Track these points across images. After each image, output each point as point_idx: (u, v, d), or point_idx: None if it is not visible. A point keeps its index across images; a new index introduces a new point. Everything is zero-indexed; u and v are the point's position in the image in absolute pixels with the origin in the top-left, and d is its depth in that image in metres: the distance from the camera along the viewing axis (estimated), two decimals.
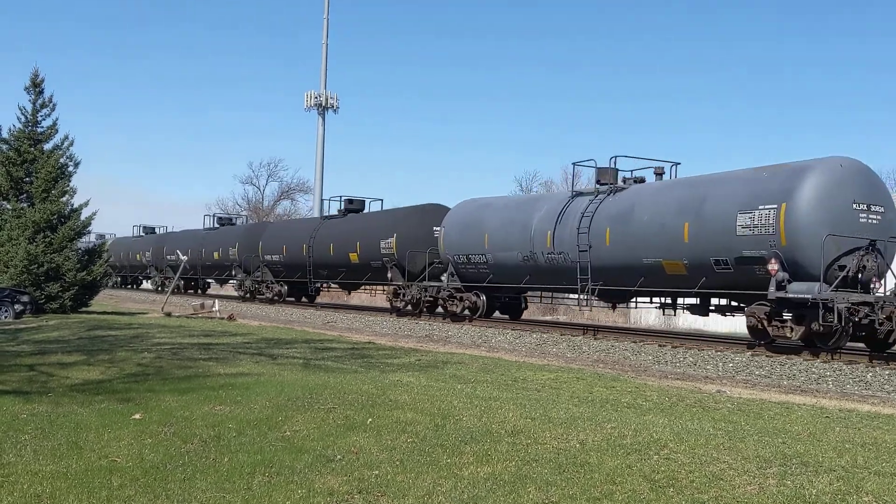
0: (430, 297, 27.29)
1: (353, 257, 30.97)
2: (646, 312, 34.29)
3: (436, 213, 28.81)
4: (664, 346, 18.85)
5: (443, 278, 26.90)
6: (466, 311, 25.62)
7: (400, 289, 28.45)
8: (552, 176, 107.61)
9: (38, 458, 7.42)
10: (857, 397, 13.33)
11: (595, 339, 20.62)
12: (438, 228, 27.29)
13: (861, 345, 17.11)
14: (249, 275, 39.13)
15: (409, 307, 28.31)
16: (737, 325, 28.84)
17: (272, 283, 37.40)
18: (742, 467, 7.07)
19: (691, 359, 17.32)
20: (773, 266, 16.16)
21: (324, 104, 63.05)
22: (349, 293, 38.28)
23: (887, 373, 14.50)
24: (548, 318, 34.62)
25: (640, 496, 6.31)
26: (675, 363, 17.27)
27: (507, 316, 27.34)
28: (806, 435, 8.89)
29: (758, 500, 6.16)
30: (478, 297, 25.52)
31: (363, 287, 34.54)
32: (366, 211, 34.40)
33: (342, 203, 34.46)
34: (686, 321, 31.71)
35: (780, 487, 6.48)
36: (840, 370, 15.09)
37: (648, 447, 7.81)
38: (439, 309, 27.67)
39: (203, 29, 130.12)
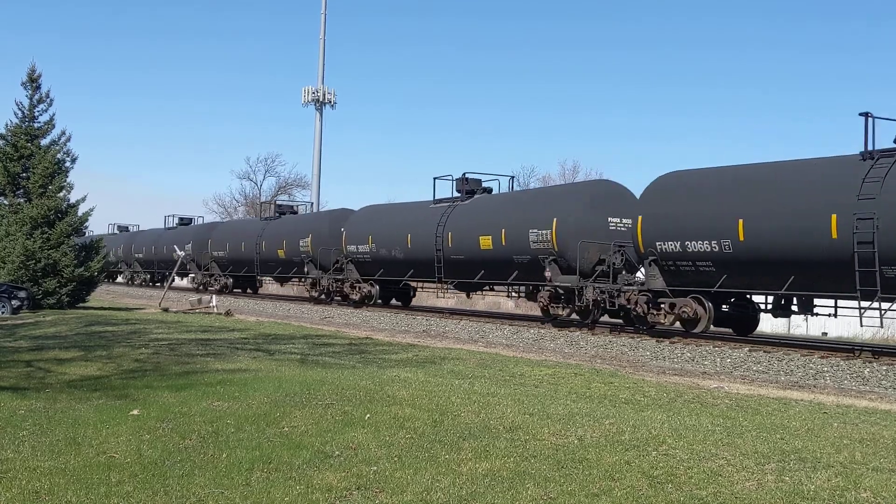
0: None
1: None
2: None
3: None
4: (661, 341, 18.86)
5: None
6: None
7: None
8: (550, 171, 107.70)
9: (37, 453, 7.42)
10: (855, 393, 13.35)
11: (593, 334, 20.63)
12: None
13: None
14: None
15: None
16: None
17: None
18: (740, 463, 7.08)
19: (689, 355, 17.33)
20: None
21: (321, 99, 63.00)
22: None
23: (884, 368, 14.52)
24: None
25: (639, 492, 6.32)
26: (672, 359, 17.28)
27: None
28: (804, 431, 8.90)
29: (756, 496, 6.17)
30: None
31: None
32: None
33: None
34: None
35: (779, 483, 6.49)
36: (837, 366, 15.12)
37: (647, 443, 7.82)
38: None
39: (200, 25, 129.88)
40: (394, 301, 32.23)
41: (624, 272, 21.02)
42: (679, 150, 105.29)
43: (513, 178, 29.00)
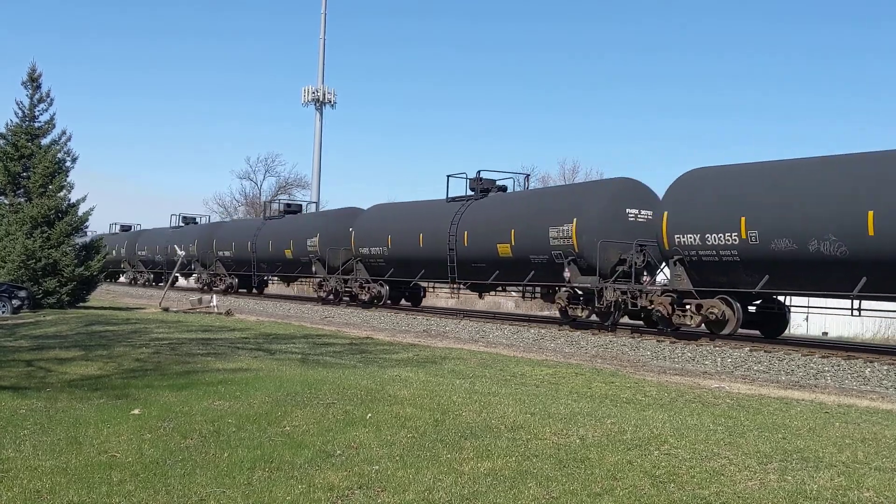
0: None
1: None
2: None
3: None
4: (662, 341, 18.85)
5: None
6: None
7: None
8: (549, 171, 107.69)
9: (38, 453, 7.40)
10: (856, 393, 13.34)
11: (593, 334, 20.62)
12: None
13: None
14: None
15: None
16: None
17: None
18: (743, 463, 7.07)
19: (689, 354, 17.33)
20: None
21: (321, 99, 62.99)
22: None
23: (885, 368, 14.52)
24: (545, 313, 34.62)
25: (641, 492, 6.31)
26: (673, 359, 17.27)
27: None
28: (806, 430, 8.90)
29: (759, 496, 6.16)
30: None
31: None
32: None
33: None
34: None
35: (781, 483, 6.48)
36: (838, 365, 15.11)
37: (649, 443, 7.82)
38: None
39: (200, 25, 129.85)
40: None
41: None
42: (679, 150, 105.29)
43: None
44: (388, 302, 30.48)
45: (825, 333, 31.20)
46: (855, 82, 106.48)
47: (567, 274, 21.20)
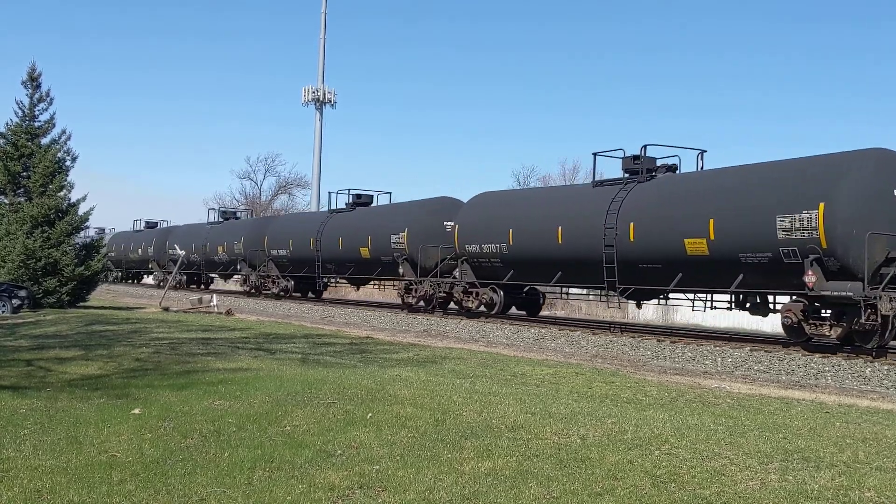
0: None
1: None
2: (645, 308, 34.28)
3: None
4: (662, 341, 18.85)
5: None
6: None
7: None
8: (550, 171, 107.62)
9: (38, 452, 7.40)
10: (856, 392, 13.34)
11: (593, 334, 20.61)
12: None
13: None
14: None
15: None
16: (735, 321, 28.92)
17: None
18: (743, 462, 7.07)
19: (690, 354, 17.32)
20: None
21: (321, 99, 63.01)
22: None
23: (886, 368, 14.51)
24: (545, 312, 34.62)
25: (642, 491, 6.30)
26: (673, 358, 17.27)
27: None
28: (806, 430, 8.89)
29: (760, 496, 6.15)
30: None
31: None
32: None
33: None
34: (683, 317, 31.75)
35: (782, 483, 6.48)
36: (839, 365, 15.10)
37: (649, 442, 7.81)
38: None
39: (200, 25, 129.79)
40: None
41: None
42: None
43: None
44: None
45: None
46: (855, 82, 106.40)
47: (810, 277, 15.77)
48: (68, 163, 31.37)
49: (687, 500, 6.11)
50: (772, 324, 30.32)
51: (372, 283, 34.47)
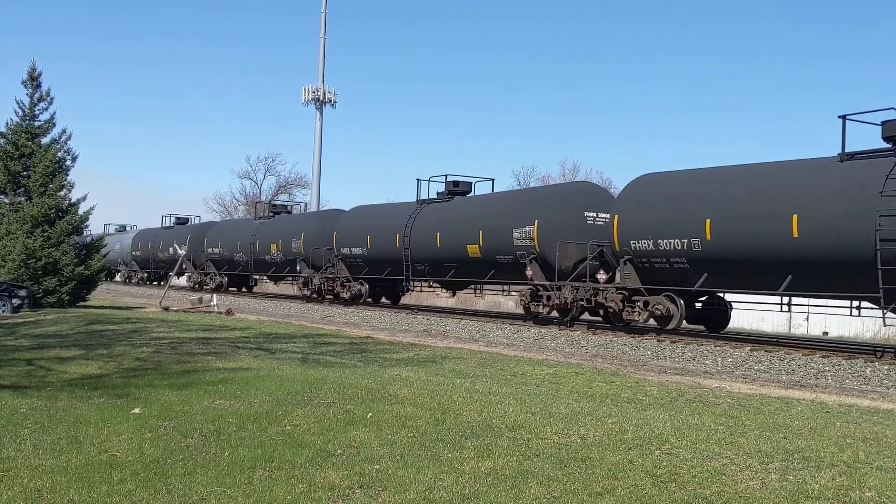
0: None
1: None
2: None
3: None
4: (662, 341, 18.84)
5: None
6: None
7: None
8: (550, 171, 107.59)
9: (38, 452, 7.39)
10: (857, 392, 13.33)
11: (594, 334, 20.60)
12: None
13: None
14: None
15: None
16: (735, 321, 28.89)
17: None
18: (744, 462, 7.07)
19: (690, 354, 17.32)
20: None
21: (322, 99, 62.95)
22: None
23: (886, 367, 14.50)
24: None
25: (642, 491, 6.30)
26: (673, 358, 17.27)
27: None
28: (807, 430, 8.89)
29: (760, 496, 6.15)
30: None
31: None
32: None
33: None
34: None
35: (783, 482, 6.47)
36: (839, 365, 15.10)
37: (650, 442, 7.81)
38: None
39: (200, 23, 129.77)
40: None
41: None
42: (679, 148, 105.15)
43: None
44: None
45: (825, 333, 31.20)
46: (856, 82, 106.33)
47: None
48: (68, 162, 31.35)
49: (687, 499, 6.10)
50: (772, 323, 30.37)
51: (477, 287, 28.47)
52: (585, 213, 22.24)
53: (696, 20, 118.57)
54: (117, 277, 55.77)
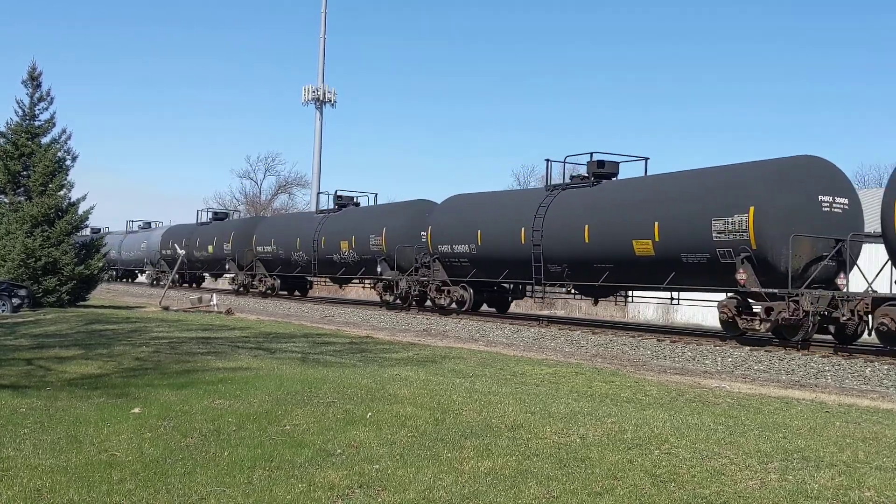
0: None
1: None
2: (643, 307, 34.17)
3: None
4: (662, 340, 18.85)
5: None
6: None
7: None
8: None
9: (38, 452, 7.40)
10: (857, 392, 13.34)
11: (593, 333, 20.60)
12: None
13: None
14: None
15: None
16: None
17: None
18: (743, 462, 7.07)
19: (690, 354, 17.32)
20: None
21: (321, 98, 62.92)
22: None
23: (886, 367, 14.50)
24: (544, 311, 34.63)
25: (642, 491, 6.30)
26: (673, 358, 17.27)
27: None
28: (806, 430, 8.89)
29: (759, 495, 6.15)
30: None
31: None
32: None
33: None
34: (684, 316, 31.67)
35: (782, 482, 6.48)
36: (839, 365, 15.10)
37: (649, 442, 7.81)
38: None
39: (200, 22, 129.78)
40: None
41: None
42: (679, 148, 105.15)
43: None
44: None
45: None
46: (859, 76, 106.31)
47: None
48: (68, 162, 31.36)
49: (687, 499, 6.11)
50: None
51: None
52: (821, 199, 17.21)
53: (698, 13, 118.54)
54: (142, 278, 52.40)
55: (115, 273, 55.37)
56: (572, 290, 23.31)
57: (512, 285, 26.29)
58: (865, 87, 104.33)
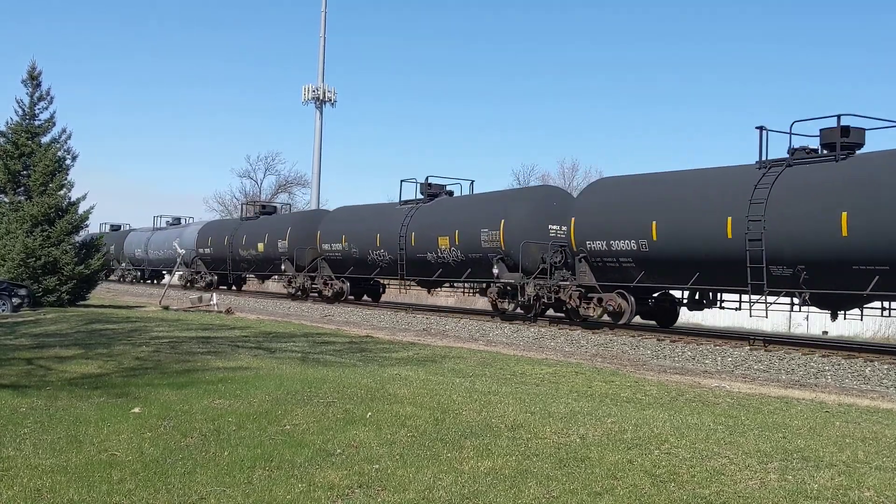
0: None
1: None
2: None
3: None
4: (662, 340, 18.86)
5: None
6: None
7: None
8: (550, 170, 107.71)
9: (38, 451, 7.40)
10: (856, 392, 13.34)
11: (593, 333, 20.61)
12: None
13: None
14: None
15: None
16: (737, 320, 28.93)
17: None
18: (743, 462, 7.08)
19: (690, 353, 17.33)
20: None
21: (321, 98, 62.90)
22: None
23: (885, 367, 14.52)
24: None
25: (642, 491, 6.31)
26: (673, 358, 17.28)
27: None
28: (806, 429, 8.90)
29: (759, 495, 6.16)
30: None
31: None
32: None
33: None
34: (684, 316, 31.67)
35: (782, 482, 6.48)
36: (839, 364, 15.11)
37: (649, 442, 7.82)
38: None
39: (200, 22, 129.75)
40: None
41: None
42: (679, 146, 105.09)
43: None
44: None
45: (825, 332, 31.21)
46: (859, 76, 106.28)
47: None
48: (68, 161, 31.32)
49: (686, 499, 6.11)
50: (771, 323, 30.37)
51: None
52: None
53: (699, 13, 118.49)
54: (172, 279, 44.00)
55: (139, 274, 52.26)
56: (807, 299, 17.17)
57: (688, 293, 20.59)
58: (865, 87, 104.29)
